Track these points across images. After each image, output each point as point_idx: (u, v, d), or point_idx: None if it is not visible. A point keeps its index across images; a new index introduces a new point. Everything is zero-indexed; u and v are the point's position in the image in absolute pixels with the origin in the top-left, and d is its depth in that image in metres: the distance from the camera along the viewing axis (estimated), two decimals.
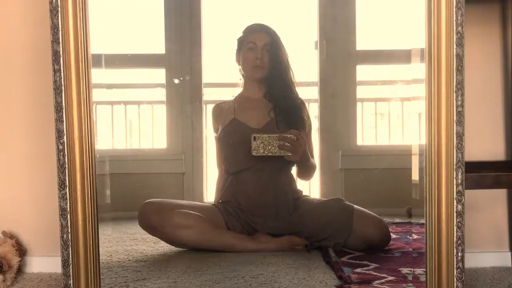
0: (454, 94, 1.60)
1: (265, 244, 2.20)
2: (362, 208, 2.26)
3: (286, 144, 2.20)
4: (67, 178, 1.67)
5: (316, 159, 2.44)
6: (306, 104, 2.42)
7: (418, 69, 1.76)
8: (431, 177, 1.64)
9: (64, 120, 1.65)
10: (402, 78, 2.40)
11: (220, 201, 2.34)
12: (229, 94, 2.46)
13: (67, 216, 1.68)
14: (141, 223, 2.24)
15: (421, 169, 1.71)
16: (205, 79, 2.53)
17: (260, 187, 2.30)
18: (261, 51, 2.32)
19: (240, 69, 2.38)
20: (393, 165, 2.42)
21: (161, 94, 2.63)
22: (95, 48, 1.74)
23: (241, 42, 2.36)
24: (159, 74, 2.63)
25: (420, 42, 1.67)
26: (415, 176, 1.95)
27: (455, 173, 1.62)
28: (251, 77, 2.37)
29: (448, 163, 1.62)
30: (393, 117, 2.63)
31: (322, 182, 2.50)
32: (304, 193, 2.38)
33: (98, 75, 1.94)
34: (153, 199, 2.26)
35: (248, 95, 2.38)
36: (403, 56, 2.23)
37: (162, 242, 2.27)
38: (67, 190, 1.67)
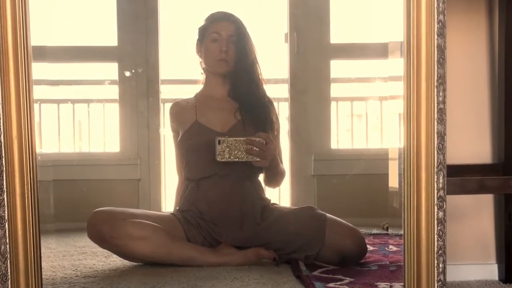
0: (435, 90, 1.60)
1: (229, 257, 2.20)
2: (336, 218, 2.25)
3: (254, 148, 2.19)
4: (4, 183, 1.65)
5: (286, 164, 2.45)
6: (275, 103, 2.41)
7: (397, 64, 1.73)
8: (410, 181, 1.65)
9: (1, 117, 1.63)
10: (381, 75, 2.41)
11: (179, 210, 2.32)
12: (190, 92, 2.44)
13: (5, 224, 1.66)
14: (91, 235, 2.21)
15: (400, 175, 1.69)
16: (163, 75, 2.53)
17: (224, 195, 2.29)
18: (226, 43, 2.30)
19: (201, 62, 2.36)
20: (371, 170, 2.44)
21: (113, 91, 2.62)
22: (37, 39, 1.72)
23: (203, 31, 2.34)
24: (111, 69, 2.62)
25: (399, 34, 1.66)
26: (394, 182, 1.94)
27: (435, 177, 1.62)
28: (214, 72, 2.35)
29: (428, 165, 1.63)
30: (370, 118, 2.67)
31: (293, 189, 2.52)
32: (272, 201, 2.37)
33: (41, 69, 1.92)
34: (104, 208, 2.22)
35: (211, 93, 2.37)
36: (380, 50, 2.20)
37: (114, 255, 2.24)
38: (5, 196, 1.65)
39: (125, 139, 2.60)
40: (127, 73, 2.53)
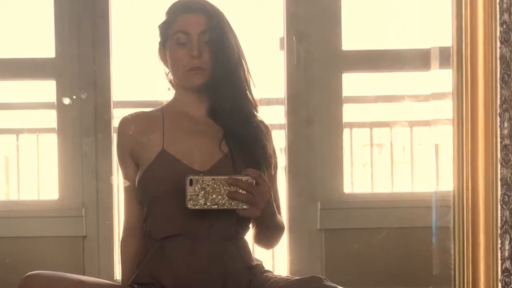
0: (498, 118, 1.53)
1: None
2: None
3: (240, 191, 2.00)
4: None
5: (283, 213, 2.32)
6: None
7: (437, 78, 1.73)
8: (462, 246, 1.58)
9: None
10: (411, 92, 2.37)
11: (135, 281, 2.17)
12: None
13: None
14: None
15: (441, 229, 1.68)
16: (116, 95, 2.47)
17: (197, 262, 2.13)
18: (198, 44, 2.12)
19: (167, 73, 2.22)
20: (398, 223, 2.36)
21: (50, 118, 2.55)
22: None
23: (165, 30, 2.19)
24: (47, 88, 2.53)
25: (441, 38, 1.62)
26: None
27: (499, 241, 1.56)
28: (185, 86, 2.20)
29: (488, 225, 1.56)
30: (396, 149, 2.59)
31: (292, 249, 2.43)
32: (264, 268, 2.24)
33: None
34: (39, 271, 2.07)
35: (184, 110, 2.22)
36: (411, 59, 2.19)
37: None
38: None
39: (66, 183, 2.52)
40: (66, 100, 2.47)
